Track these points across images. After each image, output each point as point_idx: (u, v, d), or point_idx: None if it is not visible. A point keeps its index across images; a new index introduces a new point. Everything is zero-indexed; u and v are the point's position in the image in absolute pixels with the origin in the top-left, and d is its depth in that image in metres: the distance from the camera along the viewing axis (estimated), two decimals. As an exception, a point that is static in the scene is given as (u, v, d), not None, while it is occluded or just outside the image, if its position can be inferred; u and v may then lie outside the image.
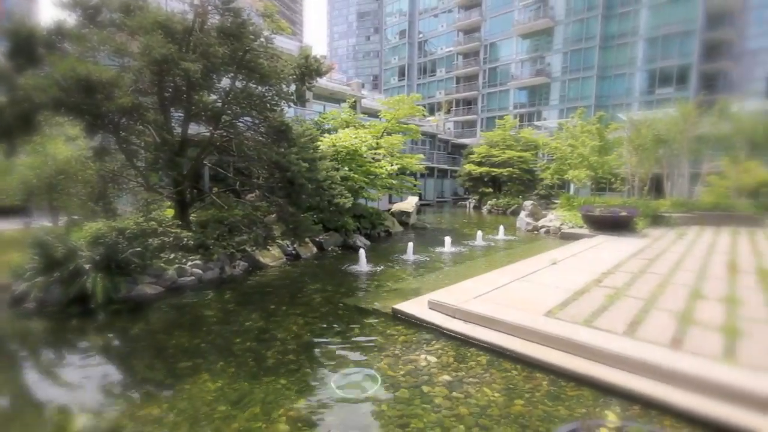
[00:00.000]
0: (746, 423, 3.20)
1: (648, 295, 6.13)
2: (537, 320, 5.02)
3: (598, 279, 7.13)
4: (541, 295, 6.09)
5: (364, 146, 12.75)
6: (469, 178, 29.65)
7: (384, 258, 10.60)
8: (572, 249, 10.39)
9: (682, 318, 5.11)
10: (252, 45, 7.80)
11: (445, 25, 53.64)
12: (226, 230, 8.56)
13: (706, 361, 3.94)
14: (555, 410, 3.62)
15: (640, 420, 3.43)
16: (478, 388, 4.02)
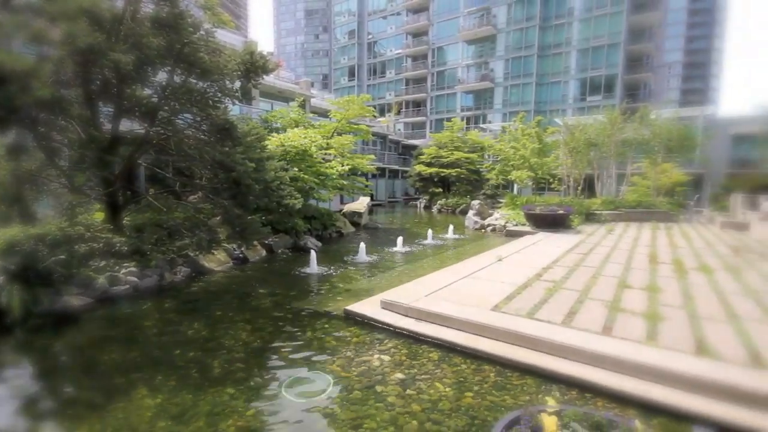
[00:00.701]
0: (666, 399, 3.55)
1: (582, 287, 6.61)
2: (484, 315, 5.23)
3: (539, 273, 7.57)
4: (488, 291, 6.35)
5: (314, 146, 12.55)
6: (420, 178, 30.26)
7: (336, 259, 10.50)
8: (516, 246, 10.94)
9: (612, 306, 5.57)
10: (191, 38, 7.37)
11: (394, 28, 54.33)
12: (165, 234, 8.00)
13: (632, 344, 4.32)
14: (502, 400, 3.78)
15: (577, 403, 3.68)
16: (430, 383, 4.10)
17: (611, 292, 6.33)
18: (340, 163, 14.11)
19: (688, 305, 5.66)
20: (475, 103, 47.69)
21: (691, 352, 4.16)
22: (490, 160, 29.81)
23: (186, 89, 7.71)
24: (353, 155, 16.01)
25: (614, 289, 6.51)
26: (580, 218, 16.25)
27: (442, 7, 48.94)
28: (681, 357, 4.02)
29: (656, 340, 4.43)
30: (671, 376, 3.72)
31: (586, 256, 9.37)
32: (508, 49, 44.21)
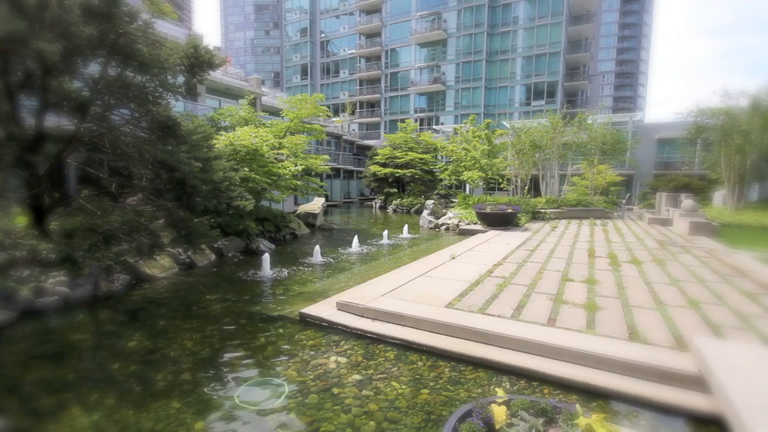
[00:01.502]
0: (603, 383, 3.83)
1: (530, 282, 6.97)
2: (439, 312, 5.34)
3: (490, 270, 7.87)
4: (443, 289, 6.50)
5: (266, 146, 12.16)
6: (375, 178, 30.39)
7: (290, 261, 10.26)
8: (469, 244, 11.31)
9: (556, 299, 5.92)
10: (127, 28, 6.86)
11: (347, 27, 54.15)
12: (100, 240, 7.37)
13: (574, 334, 4.62)
14: (456, 394, 3.88)
15: (525, 392, 3.87)
16: (387, 382, 4.12)
17: (555, 285, 6.72)
18: (294, 163, 13.80)
19: (621, 295, 6.15)
20: (428, 104, 48.76)
21: (624, 338, 4.52)
22: (443, 160, 30.59)
23: (122, 83, 7.16)
24: (307, 155, 15.73)
25: (558, 282, 6.92)
26: (527, 216, 17.12)
27: (394, 10, 49.54)
28: (616, 343, 4.36)
29: (594, 329, 4.77)
30: (607, 361, 4.02)
31: (532, 253, 9.89)
32: (459, 54, 45.67)
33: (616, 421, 3.42)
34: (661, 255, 9.54)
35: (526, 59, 43.17)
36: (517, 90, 44.18)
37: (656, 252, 9.99)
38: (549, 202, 20.70)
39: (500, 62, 44.32)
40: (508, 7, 43.41)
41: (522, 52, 43.26)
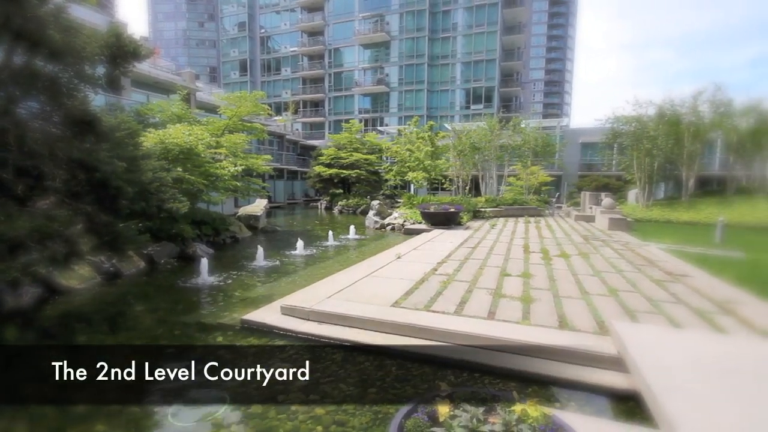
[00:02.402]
0: (539, 369, 4.09)
1: (472, 278, 7.27)
2: (385, 311, 5.39)
3: (434, 268, 8.09)
4: (389, 288, 6.56)
5: (202, 144, 11.46)
6: (320, 179, 29.97)
7: (231, 266, 9.77)
8: (414, 243, 11.54)
9: (495, 294, 6.23)
10: (36, 12, 6.09)
11: (288, 24, 52.82)
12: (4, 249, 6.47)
13: (511, 325, 4.90)
14: (403, 391, 3.94)
15: (468, 384, 4.02)
16: (334, 385, 4.06)
17: (495, 280, 7.08)
18: (233, 163, 13.15)
19: (552, 287, 6.63)
20: (372, 105, 49.06)
21: (555, 326, 4.87)
22: (388, 161, 30.94)
23: (30, 72, 6.34)
24: (247, 155, 15.08)
25: (497, 278, 7.29)
26: (469, 215, 17.86)
27: (337, 9, 49.24)
28: (548, 332, 4.68)
29: (529, 320, 5.09)
30: (541, 349, 4.31)
31: (474, 250, 10.33)
32: (402, 56, 46.52)
33: (549, 404, 3.67)
34: (586, 249, 10.43)
35: (465, 65, 45.11)
36: (458, 94, 45.99)
37: (582, 246, 10.91)
38: (488, 202, 21.77)
39: (441, 66, 45.85)
40: (448, 13, 45.04)
41: (461, 58, 45.13)
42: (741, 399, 2.94)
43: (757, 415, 2.73)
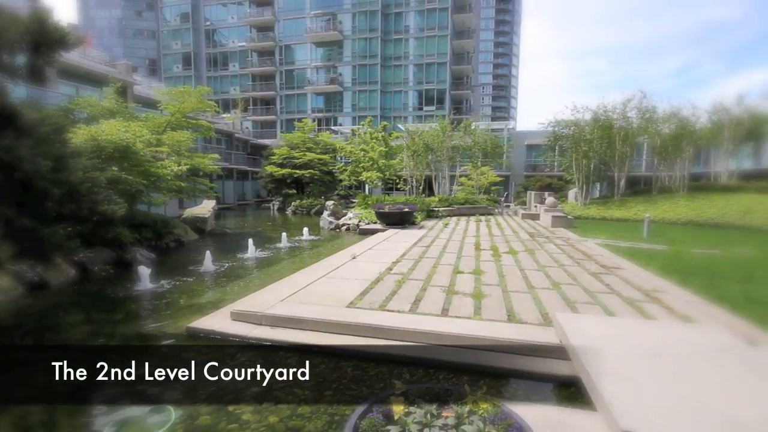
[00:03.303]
0: (490, 361, 4.26)
1: (426, 276, 7.41)
2: (341, 312, 5.34)
3: (389, 267, 8.15)
4: (344, 289, 6.51)
5: (140, 142, 10.69)
6: (272, 179, 29.16)
7: (175, 272, 9.21)
8: (369, 243, 11.55)
9: (448, 291, 6.39)
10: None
11: (235, 18, 50.80)
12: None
13: (464, 321, 5.05)
14: (359, 392, 3.92)
15: (423, 380, 4.09)
16: (288, 390, 3.96)
17: (448, 278, 7.26)
18: (176, 162, 12.41)
19: (501, 282, 6.93)
20: (325, 105, 48.53)
21: (504, 320, 5.09)
22: (342, 161, 30.76)
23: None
24: (193, 154, 14.30)
25: (450, 275, 7.49)
26: (423, 215, 18.20)
27: (287, 5, 48.14)
28: (497, 325, 4.88)
29: (481, 315, 5.28)
30: (491, 342, 4.48)
31: (428, 249, 10.54)
32: (355, 56, 46.45)
33: (499, 395, 3.83)
34: (532, 245, 11.02)
35: (418, 67, 45.95)
36: (411, 95, 46.74)
37: (528, 243, 11.50)
38: (441, 201, 22.33)
39: (394, 68, 46.35)
40: (400, 15, 45.63)
41: (414, 60, 45.91)
42: (666, 378, 3.24)
43: (680, 391, 3.02)
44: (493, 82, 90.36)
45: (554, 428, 2.84)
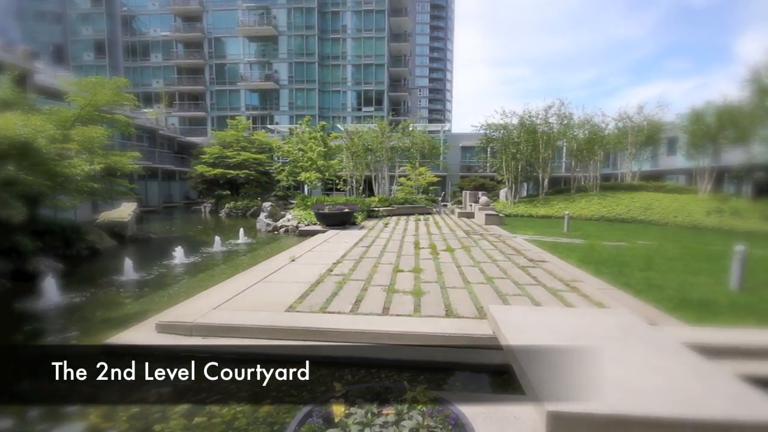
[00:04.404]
0: (430, 356, 4.38)
1: (366, 276, 7.43)
2: (279, 317, 5.16)
3: (330, 269, 8.05)
4: (283, 292, 6.31)
5: (42, 138, 9.42)
6: (203, 180, 27.44)
7: (89, 283, 8.29)
8: (309, 245, 11.32)
9: (389, 290, 6.47)
10: None
11: (157, 4, 46.99)
12: None
13: (404, 319, 5.15)
14: (300, 398, 3.82)
15: (365, 380, 4.09)
16: (223, 403, 3.75)
17: (388, 277, 7.35)
18: (88, 161, 11.12)
19: (440, 279, 7.17)
20: (261, 102, 46.75)
21: (442, 315, 5.28)
22: (279, 161, 29.84)
23: None
24: (108, 152, 12.90)
25: (390, 274, 7.58)
26: (363, 215, 18.27)
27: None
28: (436, 321, 5.05)
29: (420, 312, 5.42)
30: (431, 337, 4.62)
31: (368, 249, 10.58)
32: (291, 54, 45.31)
33: (438, 388, 3.96)
34: (467, 242, 11.56)
35: (356, 67, 46.03)
36: (349, 95, 46.69)
37: (464, 240, 12.05)
38: (381, 201, 22.57)
39: (332, 67, 45.98)
40: (337, 15, 45.36)
41: (352, 60, 45.92)
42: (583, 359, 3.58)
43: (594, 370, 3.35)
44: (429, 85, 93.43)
45: (488, 414, 2.99)
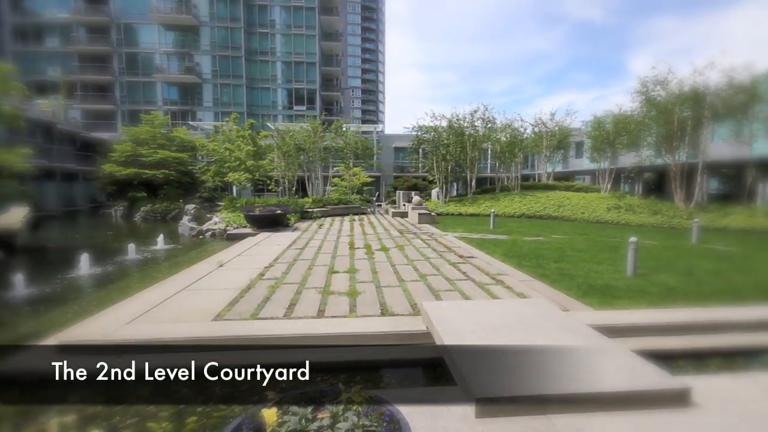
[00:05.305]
0: (365, 356, 4.39)
1: (300, 279, 7.25)
2: (205, 327, 4.84)
3: (261, 273, 7.72)
4: (210, 301, 5.91)
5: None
6: (113, 180, 24.73)
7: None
8: (238, 249, 10.76)
9: (324, 292, 6.39)
10: None
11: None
12: None
13: (340, 320, 5.11)
14: (230, 411, 3.61)
15: (300, 386, 3.98)
16: (140, 428, 3.41)
17: (323, 279, 7.25)
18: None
19: (375, 279, 7.24)
20: (181, 97, 43.35)
21: (378, 314, 5.33)
22: (204, 161, 27.93)
23: None
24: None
25: (325, 276, 7.49)
26: (296, 216, 17.81)
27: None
28: (372, 320, 5.08)
29: (356, 312, 5.42)
30: (367, 337, 4.64)
31: (302, 251, 10.34)
32: (215, 46, 42.68)
33: (375, 386, 3.99)
34: (402, 241, 11.82)
35: (286, 64, 44.73)
36: (280, 93, 45.23)
37: (398, 239, 12.30)
38: (315, 202, 22.20)
39: (261, 63, 44.17)
40: (265, 9, 43.69)
41: (282, 57, 44.53)
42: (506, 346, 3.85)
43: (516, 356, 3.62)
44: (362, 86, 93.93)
45: (422, 407, 3.08)
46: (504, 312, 4.99)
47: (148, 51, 42.37)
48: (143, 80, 42.50)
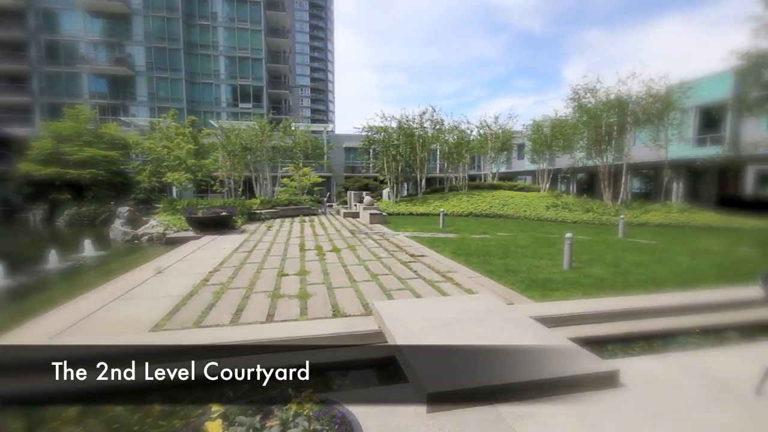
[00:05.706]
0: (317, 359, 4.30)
1: (248, 283, 6.97)
2: (141, 339, 4.49)
3: (206, 278, 7.32)
4: (147, 310, 5.50)
5: None
6: (30, 181, 22.22)
7: None
8: (179, 254, 10.12)
9: (273, 295, 6.19)
10: None
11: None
12: None
13: (290, 323, 4.98)
14: (171, 426, 3.38)
15: (249, 395, 3.82)
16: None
17: (272, 282, 7.02)
18: None
19: (326, 280, 7.14)
20: (111, 90, 39.95)
21: (329, 316, 5.26)
22: (138, 159, 25.94)
23: None
24: None
25: (275, 279, 7.26)
26: (243, 218, 17.11)
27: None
28: (323, 322, 5.01)
29: (307, 314, 5.31)
30: (319, 339, 4.56)
31: (250, 254, 9.95)
32: (150, 37, 39.85)
33: (327, 389, 3.94)
34: (353, 242, 11.78)
35: (230, 59, 42.85)
36: (223, 89, 43.24)
37: (350, 240, 12.24)
38: (263, 203, 21.48)
39: (202, 57, 41.93)
40: (205, 0, 41.51)
41: (225, 51, 42.59)
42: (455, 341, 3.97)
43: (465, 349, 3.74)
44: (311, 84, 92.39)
45: (374, 407, 3.09)
46: (453, 308, 5.14)
47: (71, 39, 38.54)
48: (66, 71, 38.58)
